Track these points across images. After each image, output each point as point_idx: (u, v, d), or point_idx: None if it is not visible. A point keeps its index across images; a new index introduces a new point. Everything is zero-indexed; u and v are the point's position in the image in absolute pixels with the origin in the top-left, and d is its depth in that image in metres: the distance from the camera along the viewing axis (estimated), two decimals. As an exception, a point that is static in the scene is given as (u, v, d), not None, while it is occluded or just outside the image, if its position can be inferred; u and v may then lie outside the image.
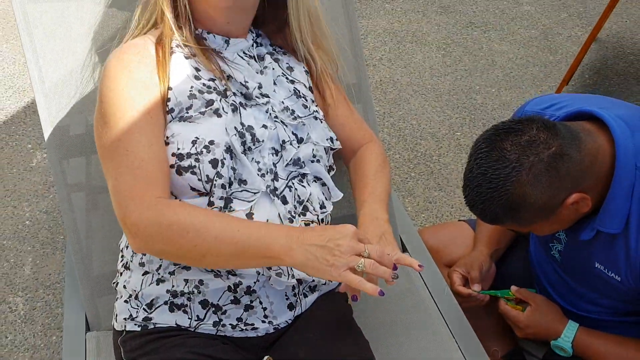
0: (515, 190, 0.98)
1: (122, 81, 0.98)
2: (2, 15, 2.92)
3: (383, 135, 2.34)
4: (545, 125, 0.99)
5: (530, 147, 0.98)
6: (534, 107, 1.20)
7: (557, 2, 3.06)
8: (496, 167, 0.99)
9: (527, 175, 0.97)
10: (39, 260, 1.89)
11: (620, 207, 1.02)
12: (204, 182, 0.96)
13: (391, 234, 1.02)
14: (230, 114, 1.00)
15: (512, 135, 1.00)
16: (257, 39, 1.13)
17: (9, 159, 2.21)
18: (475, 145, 1.04)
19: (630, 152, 1.01)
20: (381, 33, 2.85)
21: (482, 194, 1.01)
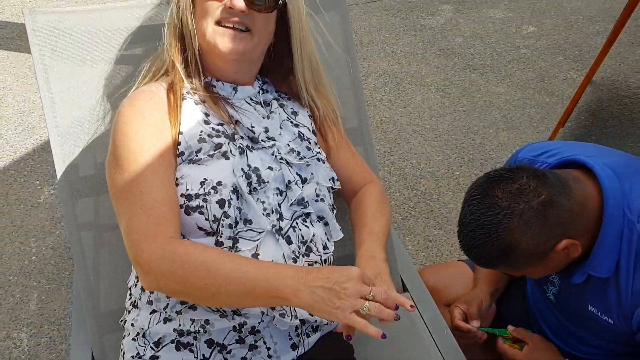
0: (507, 236, 1.02)
1: (135, 126, 1.03)
2: (14, 54, 3.01)
3: (384, 173, 2.39)
4: (535, 174, 1.04)
5: (521, 195, 1.02)
6: (527, 154, 1.24)
7: (553, 46, 3.15)
8: (488, 213, 1.03)
9: (518, 222, 1.01)
10: (44, 296, 1.91)
11: (609, 252, 1.06)
12: (211, 222, 1.00)
13: (387, 273, 1.04)
14: (237, 156, 1.04)
15: (503, 183, 1.04)
16: (263, 86, 1.19)
17: (17, 195, 2.26)
18: (468, 192, 1.08)
19: (618, 199, 1.05)
20: (382, 74, 2.93)
21: (476, 239, 1.05)
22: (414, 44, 3.15)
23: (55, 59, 1.27)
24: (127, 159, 1.01)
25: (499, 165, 2.39)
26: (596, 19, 3.38)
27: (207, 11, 1.05)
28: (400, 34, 3.23)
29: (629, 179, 1.08)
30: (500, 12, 3.44)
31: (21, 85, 2.81)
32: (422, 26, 3.30)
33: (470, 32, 3.25)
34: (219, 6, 1.04)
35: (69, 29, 1.28)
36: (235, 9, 1.03)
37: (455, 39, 3.20)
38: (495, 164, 2.43)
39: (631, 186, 1.07)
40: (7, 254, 2.04)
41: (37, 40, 1.26)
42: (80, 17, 1.29)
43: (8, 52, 3.02)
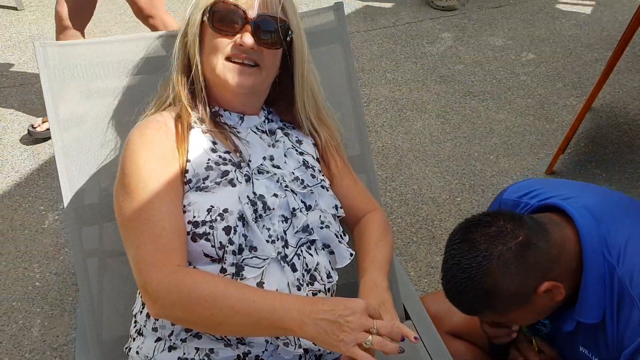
0: (487, 279, 1.04)
1: (144, 155, 1.05)
2: (20, 81, 3.05)
3: (385, 199, 2.40)
4: (512, 217, 1.07)
5: (498, 237, 1.04)
6: (510, 196, 1.27)
7: (553, 73, 3.19)
8: (468, 257, 1.05)
9: (497, 263, 1.03)
10: (47, 322, 1.91)
11: (595, 298, 1.07)
12: (217, 249, 1.02)
13: (391, 302, 1.05)
14: (244, 183, 1.06)
15: (481, 227, 1.07)
16: (268, 116, 1.22)
17: (22, 220, 2.27)
18: (449, 238, 1.11)
19: (595, 243, 1.06)
20: (383, 101, 2.97)
21: (458, 284, 1.07)
22: (414, 71, 3.19)
23: (64, 89, 1.30)
24: (136, 188, 1.03)
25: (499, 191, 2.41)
26: (594, 47, 3.43)
27: (217, 47, 1.08)
28: (401, 61, 3.28)
29: (606, 221, 1.09)
30: (499, 40, 3.50)
31: (27, 111, 2.85)
32: (422, 53, 3.35)
33: (470, 59, 3.30)
34: (229, 43, 1.07)
35: (78, 60, 1.31)
36: (245, 46, 1.06)
37: (455, 66, 3.24)
38: (496, 190, 2.45)
39: (608, 228, 1.08)
40: (11, 280, 2.05)
41: (46, 70, 1.29)
42: (88, 49, 1.33)
43: (15, 78, 3.07)
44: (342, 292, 1.42)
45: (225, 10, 1.06)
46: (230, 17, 1.06)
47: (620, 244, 1.07)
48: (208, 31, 1.10)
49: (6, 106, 2.88)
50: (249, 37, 1.06)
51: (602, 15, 3.78)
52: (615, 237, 1.07)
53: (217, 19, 1.07)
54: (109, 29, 3.54)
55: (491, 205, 1.34)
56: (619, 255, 1.06)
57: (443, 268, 1.10)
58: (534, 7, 3.86)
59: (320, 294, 1.10)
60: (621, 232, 1.08)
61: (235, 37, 1.07)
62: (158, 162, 1.05)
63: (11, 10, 3.68)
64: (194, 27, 1.11)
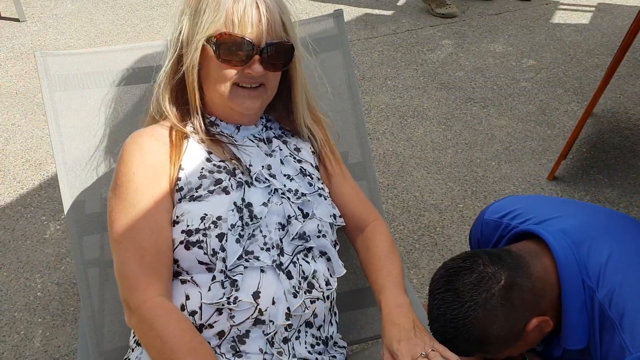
0: (476, 328, 1.03)
1: (134, 165, 1.06)
2: (22, 91, 3.06)
3: (387, 206, 2.40)
4: (491, 259, 1.05)
5: (480, 284, 1.03)
6: (491, 216, 1.27)
7: (553, 79, 3.20)
8: (453, 307, 1.04)
9: (483, 312, 1.02)
10: (48, 333, 1.91)
11: (578, 325, 1.06)
12: (210, 256, 1.02)
13: (419, 321, 1.05)
14: (236, 190, 1.06)
15: (461, 274, 1.05)
16: (267, 124, 1.21)
17: (24, 230, 2.27)
18: (432, 285, 1.09)
19: (574, 270, 1.05)
20: (384, 108, 2.97)
21: (447, 334, 1.06)
22: (415, 78, 3.20)
23: (64, 99, 1.31)
24: (125, 200, 1.05)
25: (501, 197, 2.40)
26: (595, 52, 3.43)
27: (226, 77, 1.07)
28: (402, 68, 3.29)
29: (586, 242, 1.08)
30: (500, 46, 3.50)
31: (29, 121, 2.85)
32: (423, 60, 3.35)
33: (470, 66, 3.31)
34: (237, 71, 1.07)
35: (79, 70, 1.32)
36: (255, 75, 1.06)
37: (456, 73, 3.25)
38: (499, 197, 2.44)
39: (588, 251, 1.07)
40: (12, 290, 2.04)
41: (47, 81, 1.29)
42: (89, 59, 1.33)
43: (16, 89, 3.08)
44: (342, 300, 1.42)
45: (232, 42, 1.03)
46: (238, 49, 1.04)
47: (600, 265, 1.05)
48: (212, 60, 1.07)
49: (8, 117, 2.89)
50: (259, 66, 1.05)
51: (602, 21, 3.78)
52: (595, 259, 1.06)
53: (224, 51, 1.04)
54: (111, 39, 3.55)
55: (473, 225, 1.33)
56: (598, 277, 1.04)
57: (429, 317, 1.09)
58: (533, 14, 3.86)
59: (318, 301, 1.09)
60: (601, 252, 1.07)
61: (243, 67, 1.06)
62: (148, 172, 1.06)
63: (13, 22, 3.70)
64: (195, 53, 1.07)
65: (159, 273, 1.03)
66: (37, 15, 3.79)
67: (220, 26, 1.03)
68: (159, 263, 1.04)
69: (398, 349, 0.97)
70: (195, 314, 1.03)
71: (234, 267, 1.02)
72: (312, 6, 3.93)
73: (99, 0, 3.98)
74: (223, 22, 1.03)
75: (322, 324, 1.12)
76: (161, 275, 1.04)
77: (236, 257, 1.02)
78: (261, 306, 1.03)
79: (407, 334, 1.00)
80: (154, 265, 1.03)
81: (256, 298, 1.03)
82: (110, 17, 3.78)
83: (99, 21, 3.74)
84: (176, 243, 1.05)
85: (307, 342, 1.09)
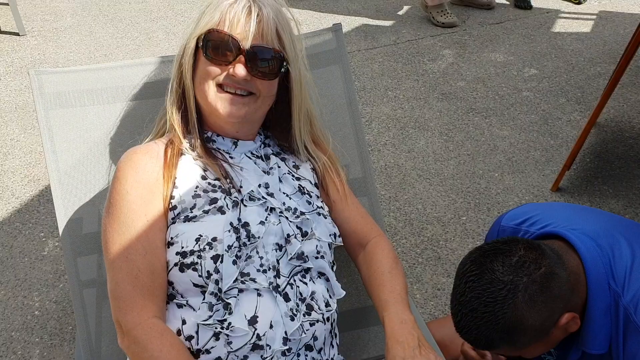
0: (512, 313, 0.97)
1: (128, 183, 1.04)
2: (22, 106, 3.05)
3: (389, 219, 2.37)
4: (531, 245, 1.01)
5: (522, 268, 0.98)
6: (509, 222, 1.23)
7: (556, 88, 3.17)
8: (491, 289, 0.98)
9: (523, 296, 0.97)
10: (46, 352, 1.88)
11: (600, 328, 1.03)
12: (204, 278, 0.99)
13: (424, 337, 1.02)
14: (231, 210, 1.04)
15: (501, 256, 1.00)
16: (265, 141, 1.19)
17: (22, 247, 2.25)
18: (462, 268, 1.04)
19: (600, 273, 1.02)
20: (385, 119, 2.95)
21: (477, 319, 0.99)
22: (416, 89, 3.18)
23: (59, 117, 1.29)
24: (118, 219, 1.04)
25: (505, 210, 2.38)
26: (597, 61, 3.41)
27: (209, 75, 1.06)
28: (403, 79, 3.27)
29: (610, 248, 1.05)
30: (501, 55, 3.48)
31: (28, 137, 2.84)
32: (424, 71, 3.33)
33: (472, 76, 3.28)
34: (221, 72, 1.06)
35: (73, 87, 1.30)
36: (237, 77, 1.04)
37: (457, 83, 3.23)
38: (502, 208, 2.41)
39: (613, 255, 1.04)
40: (10, 309, 2.02)
41: (42, 99, 1.27)
42: (84, 76, 1.31)
43: (16, 104, 3.07)
44: (343, 320, 1.38)
45: (219, 39, 1.04)
46: (224, 47, 1.04)
47: (625, 269, 1.03)
48: (201, 59, 1.08)
49: (7, 132, 2.87)
50: (242, 68, 1.04)
51: (603, 29, 3.76)
52: (620, 263, 1.03)
53: (211, 48, 1.05)
54: (110, 52, 3.54)
55: (488, 233, 1.30)
56: (624, 282, 1.01)
57: (457, 301, 1.02)
58: (534, 23, 3.85)
59: (318, 323, 1.06)
60: (626, 257, 1.04)
61: (228, 67, 1.05)
62: (142, 191, 1.04)
63: (13, 36, 3.70)
64: (188, 54, 1.09)
65: (154, 294, 1.01)
66: (37, 29, 3.79)
67: (213, 23, 1.06)
68: (154, 284, 1.02)
69: None
70: (192, 338, 1.01)
71: (228, 289, 1.00)
72: (312, 17, 3.92)
73: (99, 14, 3.98)
74: (216, 21, 1.05)
75: (322, 346, 1.09)
76: (155, 297, 1.02)
77: (232, 280, 1.00)
78: (259, 331, 1.00)
79: (412, 351, 0.97)
80: (148, 285, 1.01)
81: (254, 323, 1.00)
82: (110, 30, 3.78)
83: (99, 34, 3.73)
84: (170, 265, 1.03)
85: (308, 365, 1.06)
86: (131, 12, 4.02)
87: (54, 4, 4.10)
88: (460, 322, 1.02)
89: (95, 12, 4.01)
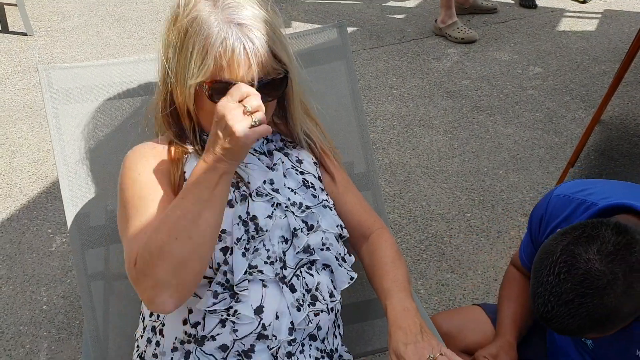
0: (612, 303, 0.94)
1: (138, 168, 1.06)
2: (30, 105, 3.08)
3: (394, 216, 2.38)
4: (619, 228, 0.96)
5: (618, 255, 0.94)
6: (563, 191, 1.20)
7: (560, 86, 3.17)
8: (589, 280, 0.94)
9: (623, 285, 0.93)
10: (54, 346, 1.90)
11: None
12: (214, 270, 1.01)
13: (426, 325, 1.02)
14: (240, 203, 1.05)
15: (594, 243, 0.95)
16: (268, 136, 1.20)
17: (29, 243, 2.27)
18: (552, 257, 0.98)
19: None
20: (390, 117, 2.96)
21: (573, 309, 0.95)
22: (421, 87, 3.19)
23: (67, 112, 1.30)
24: (132, 200, 1.03)
25: (510, 207, 2.39)
26: (601, 59, 3.41)
27: None
28: (408, 77, 3.28)
29: None
30: (505, 54, 3.49)
31: (36, 135, 2.87)
32: (429, 69, 3.34)
33: (476, 74, 3.29)
34: None
35: (81, 83, 1.32)
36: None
37: (462, 81, 3.23)
38: (506, 205, 2.42)
39: None
40: (18, 304, 2.04)
41: (50, 94, 1.29)
42: (92, 72, 1.33)
43: (24, 103, 3.10)
44: (347, 311, 1.40)
45: (224, 87, 0.98)
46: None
47: None
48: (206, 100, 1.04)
49: (15, 130, 2.90)
50: None
51: (608, 27, 3.76)
52: None
53: (217, 95, 0.99)
54: (117, 52, 3.57)
55: (537, 205, 1.24)
56: None
57: (549, 292, 0.97)
58: (539, 21, 3.85)
59: (322, 313, 1.08)
60: None
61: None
62: (152, 177, 1.05)
63: (21, 36, 3.73)
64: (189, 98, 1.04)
65: None
66: (44, 29, 3.82)
67: (210, 73, 0.99)
68: None
69: (405, 352, 0.95)
70: (198, 324, 1.02)
71: (239, 282, 1.01)
72: (317, 17, 3.94)
73: (106, 14, 4.01)
74: (212, 68, 0.99)
75: (325, 336, 1.10)
76: None
77: (242, 273, 1.01)
78: (264, 321, 1.01)
79: (414, 337, 0.97)
80: None
81: (259, 313, 1.01)
82: (117, 30, 3.81)
83: (106, 34, 3.76)
84: None
85: (312, 355, 1.07)
86: (138, 12, 4.05)
87: (62, 5, 4.13)
88: (550, 312, 0.98)
89: (102, 12, 4.04)
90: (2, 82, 3.28)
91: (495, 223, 2.34)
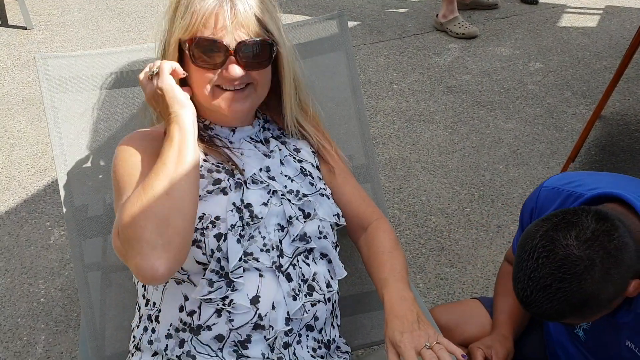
0: (589, 288, 0.94)
1: (131, 150, 1.06)
2: (29, 98, 3.07)
3: (393, 211, 2.37)
4: (600, 215, 0.97)
5: (596, 241, 0.95)
6: (552, 183, 1.20)
7: (561, 81, 3.16)
8: (567, 265, 0.94)
9: (600, 271, 0.94)
10: (51, 339, 1.89)
11: None
12: (208, 256, 1.00)
13: (423, 315, 1.02)
14: (234, 191, 1.05)
15: (573, 229, 0.96)
16: (264, 124, 1.19)
17: (28, 236, 2.27)
18: (532, 242, 0.99)
19: None
20: (390, 112, 2.95)
21: (551, 294, 0.96)
22: (421, 82, 3.18)
23: (65, 101, 1.30)
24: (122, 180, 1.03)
25: (510, 202, 2.39)
26: (603, 55, 3.40)
27: (205, 80, 1.04)
28: (408, 72, 3.27)
29: None
30: (506, 49, 3.48)
31: (34, 128, 2.86)
32: (429, 64, 3.33)
33: (477, 69, 3.28)
34: (215, 74, 1.03)
35: (79, 72, 1.31)
36: (233, 77, 1.02)
37: (462, 76, 3.22)
38: (506, 200, 2.41)
39: None
40: (15, 296, 2.03)
41: (47, 83, 1.28)
42: (90, 61, 1.32)
43: (23, 96, 3.09)
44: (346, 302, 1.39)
45: (204, 46, 1.00)
46: (211, 51, 1.01)
47: None
48: (191, 65, 1.05)
49: (14, 123, 2.89)
50: (235, 67, 1.02)
51: (609, 23, 3.75)
52: None
53: (198, 55, 1.01)
54: (116, 46, 3.56)
55: (528, 198, 1.25)
56: None
57: (528, 277, 0.98)
58: (540, 17, 3.84)
59: (319, 304, 1.07)
60: None
61: (221, 69, 1.02)
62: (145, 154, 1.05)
63: (21, 30, 3.72)
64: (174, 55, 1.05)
65: None
66: (44, 23, 3.81)
67: (191, 28, 1.00)
68: None
69: (401, 340, 0.95)
70: (194, 313, 1.02)
71: (235, 268, 1.00)
72: (318, 11, 3.93)
73: (106, 8, 4.00)
74: (193, 23, 1.00)
75: (323, 326, 1.09)
76: None
77: (237, 259, 1.00)
78: (260, 311, 1.01)
79: (411, 325, 0.97)
80: None
81: (255, 302, 1.01)
82: (117, 24, 3.80)
83: (106, 28, 3.75)
84: None
85: (309, 345, 1.07)
86: (138, 6, 4.03)
87: (61, -2, 4.12)
88: (529, 297, 0.98)
89: (102, 6, 4.02)
90: (1, 75, 3.27)
91: (495, 218, 2.33)
